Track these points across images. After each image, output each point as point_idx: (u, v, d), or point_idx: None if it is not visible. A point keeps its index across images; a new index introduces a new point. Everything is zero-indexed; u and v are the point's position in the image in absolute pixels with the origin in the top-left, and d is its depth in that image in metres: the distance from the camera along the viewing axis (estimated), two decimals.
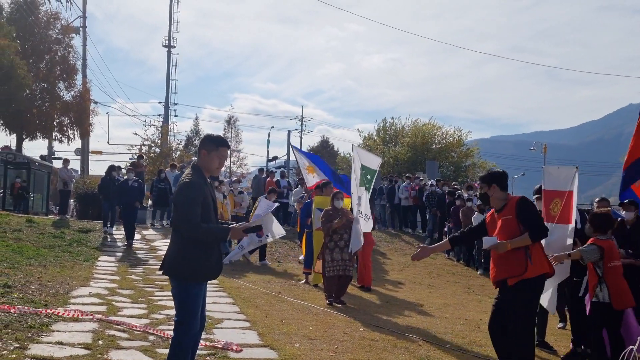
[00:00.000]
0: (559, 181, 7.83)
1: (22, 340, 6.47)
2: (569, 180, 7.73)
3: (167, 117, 49.14)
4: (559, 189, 7.77)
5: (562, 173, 7.88)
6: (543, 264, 6.18)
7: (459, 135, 38.99)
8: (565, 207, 7.64)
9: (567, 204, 7.63)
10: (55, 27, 32.66)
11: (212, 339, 7.22)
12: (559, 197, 7.72)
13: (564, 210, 7.64)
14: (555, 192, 7.82)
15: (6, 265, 10.94)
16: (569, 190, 7.68)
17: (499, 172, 6.71)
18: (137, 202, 17.18)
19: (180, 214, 4.83)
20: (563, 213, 7.64)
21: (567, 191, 7.69)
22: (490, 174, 6.60)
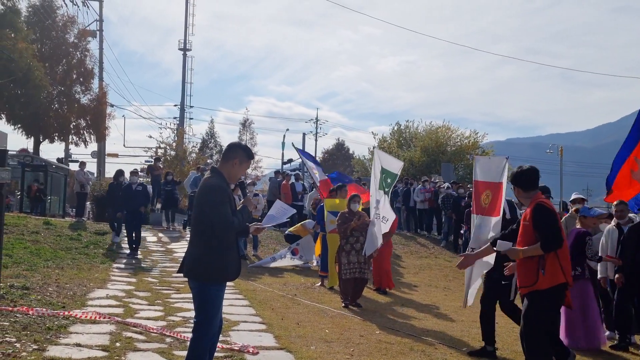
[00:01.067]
0: (490, 172, 7.64)
1: (41, 342, 6.52)
2: (499, 171, 7.53)
3: (183, 120, 49.38)
4: (490, 180, 7.58)
5: (493, 164, 7.73)
6: (557, 275, 5.73)
7: (474, 138, 38.85)
8: (494, 198, 7.46)
9: (496, 196, 7.42)
10: (72, 31, 32.90)
11: (228, 342, 7.24)
12: (489, 188, 7.53)
13: (493, 202, 7.47)
14: (486, 183, 7.62)
15: (24, 267, 11.03)
16: (499, 181, 7.48)
17: (519, 170, 6.19)
18: (143, 207, 16.19)
19: (214, 215, 4.88)
20: (492, 205, 7.47)
21: (497, 182, 7.49)
22: (511, 174, 6.33)
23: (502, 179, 7.44)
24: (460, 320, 10.02)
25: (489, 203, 7.48)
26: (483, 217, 7.50)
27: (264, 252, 16.63)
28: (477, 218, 7.65)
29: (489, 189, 7.50)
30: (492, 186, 7.49)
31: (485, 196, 7.52)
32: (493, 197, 7.43)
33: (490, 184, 7.52)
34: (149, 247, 16.52)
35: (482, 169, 7.73)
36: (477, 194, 7.70)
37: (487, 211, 7.46)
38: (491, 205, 7.45)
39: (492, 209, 7.43)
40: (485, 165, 7.76)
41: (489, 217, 7.42)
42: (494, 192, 7.46)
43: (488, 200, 7.49)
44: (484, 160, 7.91)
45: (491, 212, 7.43)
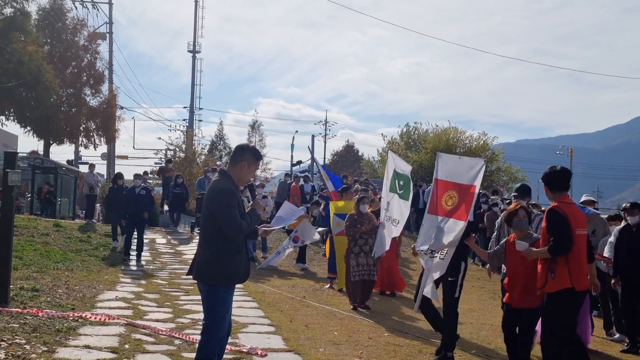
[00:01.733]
0: (459, 173, 7.16)
1: (50, 343, 6.54)
2: (473, 174, 7.07)
3: (192, 122, 49.47)
4: (458, 182, 7.12)
5: (465, 165, 7.22)
6: (564, 280, 5.81)
7: (484, 140, 38.75)
8: (462, 202, 7.04)
9: (466, 199, 7.02)
10: (82, 33, 33.05)
11: (237, 344, 7.25)
12: (455, 189, 7.10)
13: (460, 205, 7.05)
14: (452, 183, 7.17)
15: (34, 269, 11.08)
16: (472, 184, 7.05)
17: (550, 170, 6.24)
18: (146, 212, 15.45)
19: (224, 219, 4.88)
20: (461, 208, 7.04)
21: (469, 185, 7.06)
22: (544, 173, 6.28)
23: (475, 182, 7.04)
24: (469, 323, 9.99)
25: (454, 205, 7.10)
26: (447, 218, 7.11)
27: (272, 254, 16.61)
28: (433, 218, 7.29)
29: (455, 190, 7.11)
30: (461, 188, 7.08)
31: (448, 197, 7.15)
32: (461, 199, 7.06)
33: (457, 186, 7.11)
34: (158, 249, 16.56)
35: (449, 168, 7.29)
36: (438, 193, 7.28)
37: (453, 214, 7.08)
38: (458, 209, 7.06)
39: (459, 212, 7.04)
40: (453, 165, 7.30)
41: (455, 220, 7.03)
42: (462, 195, 7.07)
43: (452, 202, 7.11)
44: (452, 160, 7.48)
45: (458, 215, 7.04)
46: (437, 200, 7.24)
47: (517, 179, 37.91)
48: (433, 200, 7.33)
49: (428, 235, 7.24)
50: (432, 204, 7.34)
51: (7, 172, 8.24)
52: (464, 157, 7.42)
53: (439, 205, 7.20)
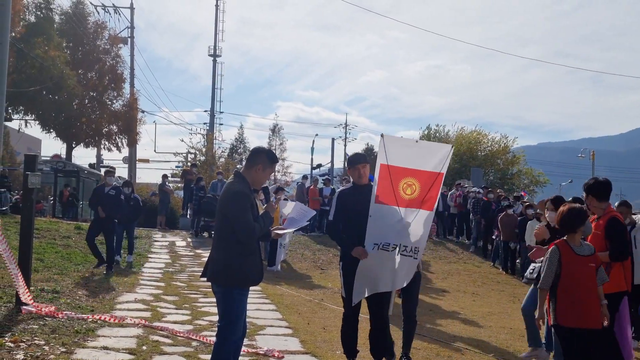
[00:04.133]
0: (419, 159, 6.46)
1: (69, 345, 6.60)
2: (439, 159, 6.48)
3: (213, 125, 49.67)
4: (419, 168, 6.43)
5: (425, 150, 6.60)
6: (620, 283, 6.11)
7: (505, 143, 38.54)
8: (426, 189, 6.43)
9: (435, 188, 6.45)
10: (104, 38, 33.35)
11: (254, 345, 7.26)
12: (415, 176, 6.43)
13: (424, 194, 6.43)
14: (409, 170, 6.43)
15: (55, 271, 11.18)
16: (439, 172, 6.46)
17: (596, 181, 6.42)
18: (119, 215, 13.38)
19: (237, 223, 4.89)
20: (427, 197, 6.44)
21: (436, 172, 6.45)
22: (587, 184, 6.42)
23: (442, 169, 6.46)
24: (488, 326, 9.93)
25: (416, 194, 6.43)
26: (412, 209, 6.41)
27: (292, 256, 16.63)
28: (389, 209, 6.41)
29: (415, 177, 6.43)
30: (422, 175, 6.43)
31: (405, 185, 6.44)
32: (424, 188, 6.43)
33: (418, 173, 6.44)
34: (178, 252, 16.63)
35: (401, 153, 6.47)
36: (392, 181, 6.42)
37: (418, 204, 6.42)
38: (423, 198, 6.45)
39: (425, 201, 6.45)
40: (408, 151, 6.52)
41: (423, 212, 6.44)
42: (425, 183, 6.44)
43: (412, 191, 6.43)
44: (403, 143, 6.62)
45: (426, 205, 6.45)
46: (392, 188, 6.40)
47: (538, 182, 37.67)
48: (385, 188, 6.41)
49: (388, 229, 6.33)
50: (383, 192, 6.39)
51: (27, 175, 8.33)
52: (421, 141, 6.80)
53: (396, 194, 6.41)
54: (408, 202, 6.41)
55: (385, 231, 6.30)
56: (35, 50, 25.34)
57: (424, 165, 6.45)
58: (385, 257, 6.25)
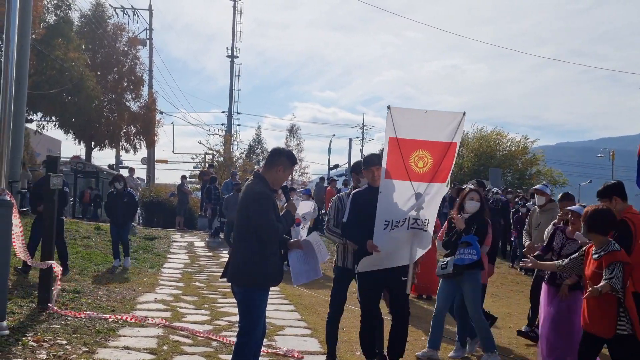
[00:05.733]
0: (429, 129, 6.18)
1: (90, 344, 6.66)
2: (452, 129, 6.18)
3: (230, 126, 49.86)
4: (430, 139, 6.16)
5: (436, 120, 6.24)
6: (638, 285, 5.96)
7: (524, 143, 38.35)
8: (444, 162, 6.19)
9: (448, 159, 6.19)
10: (123, 40, 33.56)
11: (273, 346, 7.29)
12: (426, 148, 6.17)
13: (442, 166, 6.20)
14: (420, 141, 6.16)
15: (76, 272, 11.28)
16: (452, 141, 6.19)
17: (619, 182, 6.46)
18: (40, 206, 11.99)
19: (261, 222, 4.92)
20: (440, 169, 6.20)
21: (448, 142, 6.18)
22: (608, 188, 6.34)
23: (456, 139, 6.19)
24: (507, 327, 9.88)
25: (428, 167, 6.19)
26: (424, 183, 6.18)
27: None
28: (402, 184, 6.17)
29: (426, 149, 6.17)
30: (435, 146, 6.16)
31: (416, 158, 6.17)
32: (437, 159, 6.17)
33: (430, 144, 6.16)
34: (196, 252, 16.71)
35: (410, 124, 6.16)
36: (403, 155, 6.14)
37: (430, 177, 6.19)
38: (436, 170, 6.20)
39: (437, 173, 6.21)
40: (417, 121, 6.20)
41: (435, 185, 6.22)
42: (437, 154, 6.18)
43: (424, 164, 6.18)
44: (411, 114, 6.25)
45: (438, 177, 6.23)
46: (403, 162, 6.14)
47: (557, 182, 37.44)
48: (395, 163, 6.15)
49: (400, 205, 6.14)
50: (394, 166, 6.14)
51: (49, 176, 8.42)
52: (431, 110, 6.29)
53: (407, 168, 6.15)
54: (421, 175, 6.20)
55: (397, 207, 6.15)
56: (55, 51, 25.55)
57: (435, 135, 6.20)
58: (397, 234, 6.08)
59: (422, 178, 6.19)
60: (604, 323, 5.32)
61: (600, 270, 5.25)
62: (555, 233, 7.30)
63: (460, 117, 6.18)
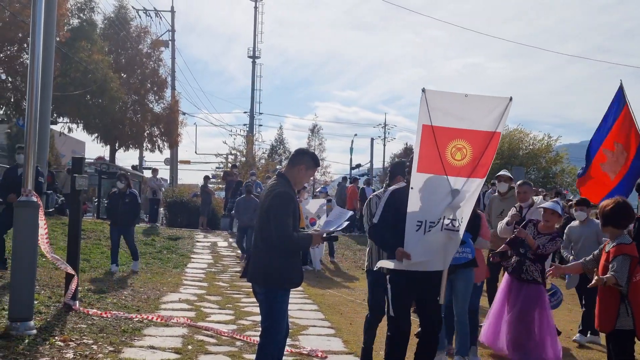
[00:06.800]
0: (470, 116, 5.41)
1: (116, 344, 6.72)
2: (496, 116, 5.39)
3: (252, 127, 50.05)
4: (470, 127, 5.40)
5: (477, 105, 5.42)
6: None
7: (547, 141, 38.03)
8: (485, 154, 5.42)
9: (490, 151, 5.42)
10: (146, 41, 33.79)
11: (297, 345, 7.30)
12: (465, 138, 5.40)
13: (482, 159, 5.43)
14: (458, 130, 5.40)
15: (101, 272, 11.39)
16: (496, 130, 5.40)
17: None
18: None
19: (276, 224, 4.88)
20: (480, 162, 5.43)
21: (490, 132, 5.40)
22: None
23: (499, 128, 5.41)
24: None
25: (467, 159, 5.42)
26: (462, 178, 5.44)
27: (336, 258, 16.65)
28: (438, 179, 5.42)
29: (465, 139, 5.40)
30: (475, 136, 5.41)
31: (454, 149, 5.41)
32: (477, 151, 5.41)
33: (469, 133, 5.41)
34: (219, 252, 16.78)
35: (448, 110, 5.39)
36: (438, 145, 5.38)
37: (469, 171, 5.44)
38: (476, 163, 5.44)
39: (477, 167, 5.45)
40: (456, 107, 5.41)
41: (473, 180, 5.47)
42: (478, 145, 5.42)
43: (463, 156, 5.42)
44: (449, 98, 5.44)
45: (477, 172, 5.46)
46: (439, 154, 5.38)
47: None
48: (429, 154, 5.39)
49: (434, 203, 5.41)
50: (427, 158, 5.39)
51: (74, 177, 8.51)
52: (472, 94, 5.41)
53: (443, 160, 5.39)
54: (458, 169, 5.44)
55: (431, 205, 5.38)
56: (79, 54, 25.78)
57: (476, 124, 5.41)
58: (431, 237, 5.35)
59: (459, 172, 5.43)
60: (604, 316, 5.30)
61: (608, 262, 5.23)
62: (527, 226, 7.38)
63: (506, 103, 5.37)
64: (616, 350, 5.32)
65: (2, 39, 22.25)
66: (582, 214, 8.77)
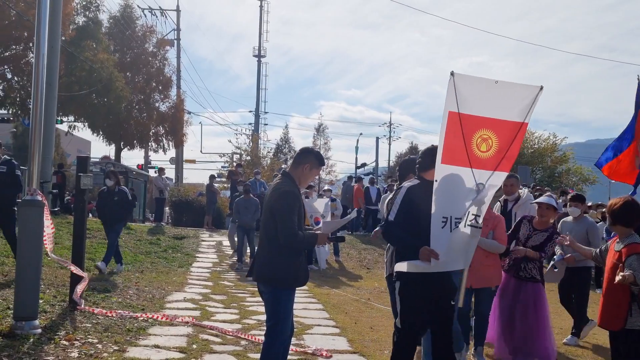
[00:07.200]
0: (497, 104, 5.00)
1: (121, 343, 6.72)
2: (526, 105, 5.05)
3: (258, 126, 50.06)
4: (497, 117, 5.03)
5: (506, 92, 5.00)
6: None
7: (553, 140, 37.96)
8: (511, 146, 5.09)
9: (516, 143, 5.09)
10: (151, 41, 33.82)
11: (302, 345, 7.29)
12: (492, 128, 5.03)
13: (508, 151, 5.09)
14: (484, 119, 5.00)
15: (106, 271, 11.37)
16: (523, 121, 5.07)
17: None
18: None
19: (281, 222, 4.87)
20: (506, 155, 5.09)
21: (522, 123, 5.07)
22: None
23: (527, 119, 5.07)
24: None
25: (492, 151, 5.06)
26: (486, 171, 5.08)
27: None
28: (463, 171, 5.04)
29: (491, 129, 5.03)
30: (502, 126, 5.05)
31: (479, 139, 5.02)
32: (503, 142, 5.07)
33: (496, 123, 5.03)
34: (225, 252, 16.79)
35: (475, 96, 4.96)
36: (464, 134, 4.97)
37: (494, 164, 5.09)
38: (501, 156, 5.08)
39: (502, 160, 5.10)
40: (484, 93, 4.98)
41: (499, 174, 5.15)
42: (506, 136, 5.07)
43: (488, 147, 5.05)
44: (478, 84, 4.99)
45: (501, 165, 5.12)
46: (464, 144, 4.98)
47: (587, 179, 36.99)
48: (455, 144, 4.98)
49: (459, 198, 5.07)
50: (453, 149, 4.97)
51: (79, 176, 8.51)
52: (502, 81, 4.98)
53: (469, 152, 4.99)
54: (483, 161, 5.06)
55: (457, 200, 5.06)
56: (84, 53, 25.80)
57: (505, 112, 5.02)
58: (457, 234, 5.02)
59: (484, 165, 5.06)
60: (614, 315, 5.25)
61: (620, 262, 5.19)
62: (521, 223, 7.35)
63: (536, 93, 5.01)
64: (626, 350, 5.29)
65: (8, 38, 22.29)
66: (576, 210, 8.57)
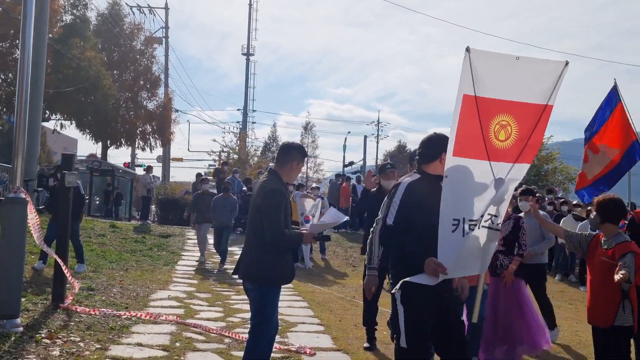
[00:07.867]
0: (517, 84, 4.25)
1: (104, 341, 6.70)
2: (550, 85, 4.31)
3: (246, 124, 50.00)
4: (517, 99, 4.27)
5: (528, 70, 4.23)
6: None
7: None
8: (536, 131, 4.37)
9: (540, 127, 4.36)
10: (139, 38, 33.71)
11: (286, 342, 7.29)
12: (512, 112, 4.28)
13: (530, 139, 4.37)
14: (504, 102, 4.25)
15: (90, 269, 11.33)
16: (547, 103, 4.33)
17: None
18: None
19: (268, 220, 4.87)
20: (527, 143, 4.37)
21: (545, 105, 4.32)
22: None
23: (551, 100, 4.33)
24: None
25: (512, 140, 4.33)
26: (505, 164, 4.37)
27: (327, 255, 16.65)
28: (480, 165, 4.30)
29: (511, 114, 4.28)
30: (523, 110, 4.30)
31: (497, 126, 4.27)
32: (523, 130, 4.33)
33: (517, 106, 4.29)
34: (210, 250, 16.74)
35: (495, 76, 4.19)
36: (482, 121, 4.22)
37: (512, 154, 4.37)
38: (522, 145, 4.37)
39: (524, 150, 4.38)
40: (503, 71, 4.20)
41: (520, 166, 4.44)
42: (528, 122, 4.34)
43: (507, 135, 4.32)
44: (498, 61, 4.20)
45: (522, 155, 4.40)
46: (482, 133, 4.24)
47: (573, 178, 37.15)
48: (471, 133, 4.23)
49: (474, 196, 4.37)
50: (468, 139, 4.24)
51: (63, 174, 8.47)
52: (523, 56, 4.20)
53: (486, 141, 4.27)
54: (502, 152, 4.34)
55: (471, 200, 4.35)
56: (72, 50, 25.71)
57: (526, 94, 4.29)
58: (472, 239, 4.36)
59: (504, 156, 4.35)
60: (604, 312, 5.29)
61: (612, 260, 5.22)
62: None
63: (561, 69, 4.28)
64: (613, 346, 5.33)
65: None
66: (525, 205, 8.19)
